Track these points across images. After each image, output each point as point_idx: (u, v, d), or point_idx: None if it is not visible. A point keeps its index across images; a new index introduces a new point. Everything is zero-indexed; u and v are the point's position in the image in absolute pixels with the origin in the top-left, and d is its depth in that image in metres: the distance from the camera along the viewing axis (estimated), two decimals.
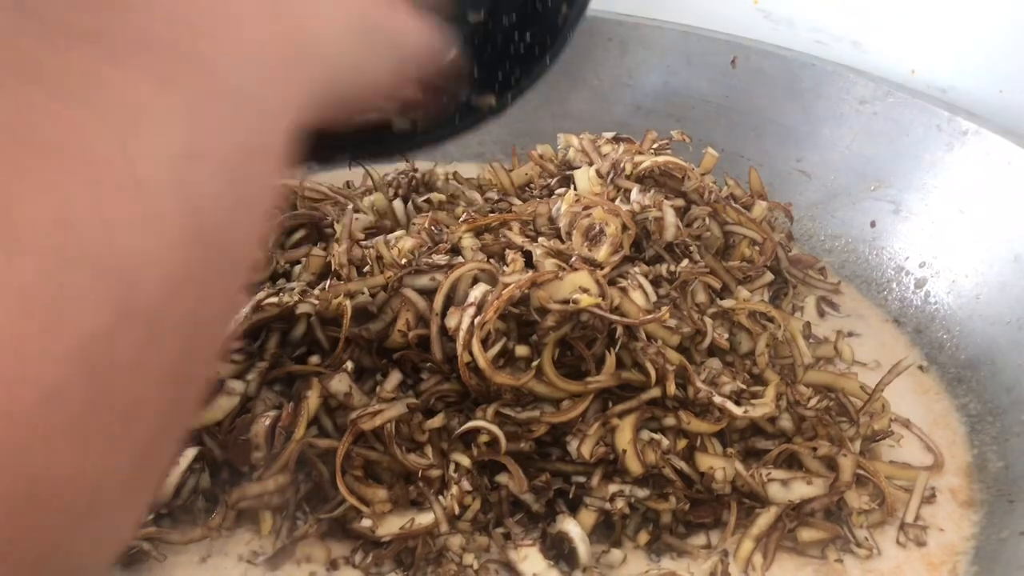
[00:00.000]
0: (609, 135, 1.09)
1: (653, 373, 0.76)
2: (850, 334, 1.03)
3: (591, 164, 1.02)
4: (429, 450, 0.74)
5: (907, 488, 0.81)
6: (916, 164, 1.10)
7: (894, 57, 1.23)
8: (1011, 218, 0.99)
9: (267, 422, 0.72)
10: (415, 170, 1.15)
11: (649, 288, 0.81)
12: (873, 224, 1.14)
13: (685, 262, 0.87)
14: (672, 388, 0.76)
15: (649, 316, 0.76)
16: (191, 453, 0.72)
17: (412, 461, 0.73)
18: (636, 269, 0.83)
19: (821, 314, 1.07)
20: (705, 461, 0.75)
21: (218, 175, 0.33)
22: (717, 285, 0.89)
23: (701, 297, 0.86)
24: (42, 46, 0.29)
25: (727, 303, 0.86)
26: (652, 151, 1.01)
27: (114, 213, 0.28)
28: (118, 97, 0.30)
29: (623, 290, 0.79)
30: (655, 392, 0.76)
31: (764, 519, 0.74)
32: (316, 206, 1.00)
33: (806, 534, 0.75)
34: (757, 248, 0.99)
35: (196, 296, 0.31)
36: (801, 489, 0.75)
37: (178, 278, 0.30)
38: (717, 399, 0.76)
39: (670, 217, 0.88)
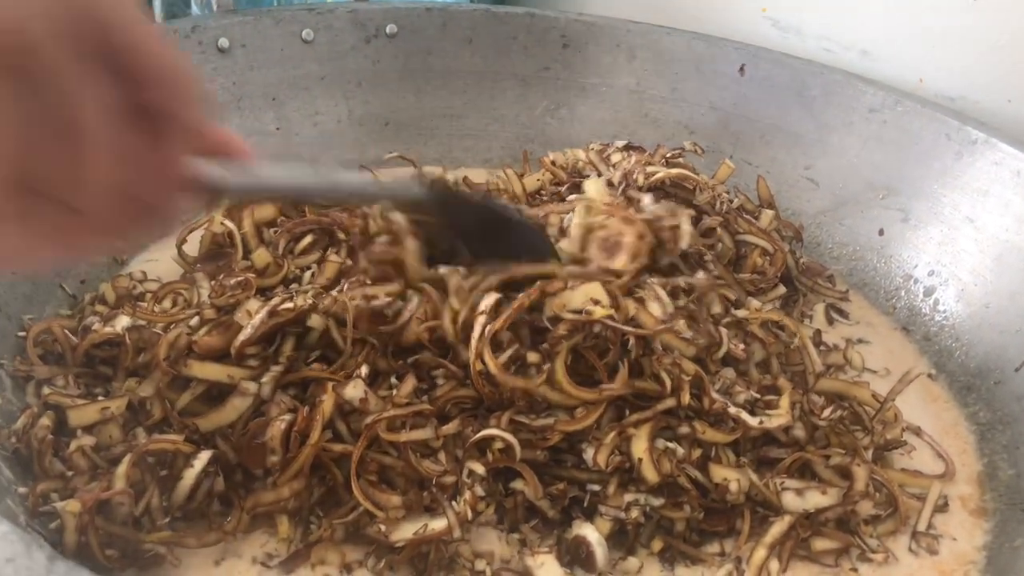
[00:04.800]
0: (620, 143, 1.09)
1: (669, 383, 0.76)
2: (859, 342, 1.04)
3: (599, 175, 1.02)
4: (443, 456, 0.74)
5: (919, 496, 0.81)
6: (925, 172, 1.10)
7: (902, 66, 1.23)
8: (1020, 227, 0.99)
9: (282, 426, 0.72)
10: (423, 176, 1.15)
11: (666, 299, 0.81)
12: (882, 232, 1.14)
13: (700, 273, 0.86)
14: (687, 398, 0.75)
15: (661, 327, 0.76)
16: (205, 456, 0.72)
17: (426, 467, 0.72)
18: (653, 280, 0.83)
19: (830, 322, 1.07)
20: (719, 472, 0.75)
21: None
22: (732, 297, 0.88)
23: (717, 308, 0.86)
24: None
25: (741, 313, 0.86)
26: (663, 162, 1.01)
27: None
28: None
29: (640, 300, 0.79)
30: (670, 402, 0.76)
31: (777, 527, 0.74)
32: (325, 212, 1.00)
33: (819, 543, 0.75)
34: (768, 258, 0.99)
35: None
36: (816, 498, 0.75)
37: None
38: (732, 409, 0.76)
39: (686, 226, 0.87)
